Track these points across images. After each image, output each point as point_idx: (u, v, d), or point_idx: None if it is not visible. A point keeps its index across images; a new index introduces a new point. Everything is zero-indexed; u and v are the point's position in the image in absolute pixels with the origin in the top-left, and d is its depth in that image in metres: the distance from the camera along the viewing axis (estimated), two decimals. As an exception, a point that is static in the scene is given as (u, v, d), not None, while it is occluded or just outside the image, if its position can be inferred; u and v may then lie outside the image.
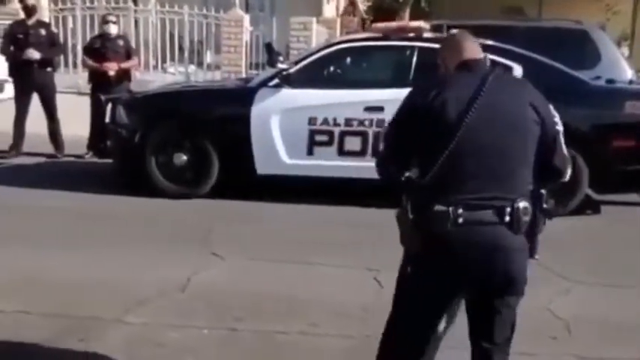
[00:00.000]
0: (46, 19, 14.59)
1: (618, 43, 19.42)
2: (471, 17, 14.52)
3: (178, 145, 7.94)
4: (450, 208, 2.87)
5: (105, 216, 7.32)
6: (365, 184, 6.14)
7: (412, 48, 7.67)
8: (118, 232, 6.79)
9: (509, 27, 10.61)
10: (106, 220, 7.17)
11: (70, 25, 16.17)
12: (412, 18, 19.04)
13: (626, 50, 21.12)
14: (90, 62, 10.07)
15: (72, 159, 10.07)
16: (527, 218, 2.96)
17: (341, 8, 26.51)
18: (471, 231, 2.89)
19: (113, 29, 10.16)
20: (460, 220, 2.87)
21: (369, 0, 24.96)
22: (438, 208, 2.88)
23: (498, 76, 3.05)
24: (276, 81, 7.79)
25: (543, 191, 3.04)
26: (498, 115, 2.96)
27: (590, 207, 7.86)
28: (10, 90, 10.81)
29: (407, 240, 3.05)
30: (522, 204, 2.93)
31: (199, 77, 15.29)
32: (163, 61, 16.33)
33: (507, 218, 2.91)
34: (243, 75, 13.62)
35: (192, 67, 16.25)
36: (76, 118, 10.15)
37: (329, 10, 24.63)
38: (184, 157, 7.92)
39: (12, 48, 9.90)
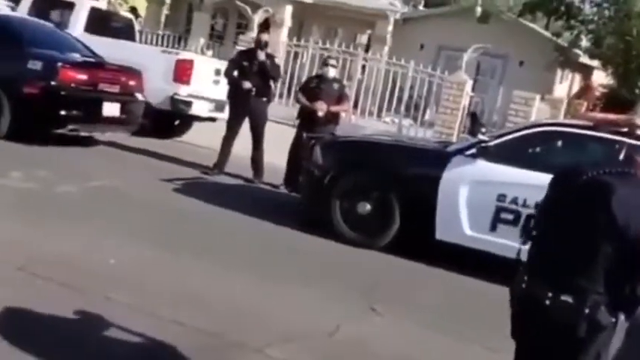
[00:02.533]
0: (281, 52, 15.41)
1: None
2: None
3: (365, 194, 8.02)
4: None
5: (280, 248, 7.52)
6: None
7: (621, 143, 7.28)
8: (289, 266, 6.96)
9: None
10: (280, 252, 7.37)
11: (301, 60, 16.88)
12: (645, 112, 18.20)
13: None
14: (302, 99, 10.43)
15: (268, 187, 10.46)
16: None
17: (574, 90, 25.86)
18: None
19: (331, 72, 10.48)
20: None
21: (605, 87, 24.16)
22: None
23: None
24: (473, 151, 7.69)
25: None
26: None
27: None
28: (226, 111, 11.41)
29: None
30: None
31: (412, 132, 15.40)
32: (381, 109, 16.64)
33: None
34: (454, 138, 13.57)
35: (407, 121, 16.42)
36: (282, 149, 10.54)
37: (560, 90, 24.10)
38: (368, 207, 7.98)
39: (235, 73, 10.46)
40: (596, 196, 3.03)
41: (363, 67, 17.03)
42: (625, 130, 7.43)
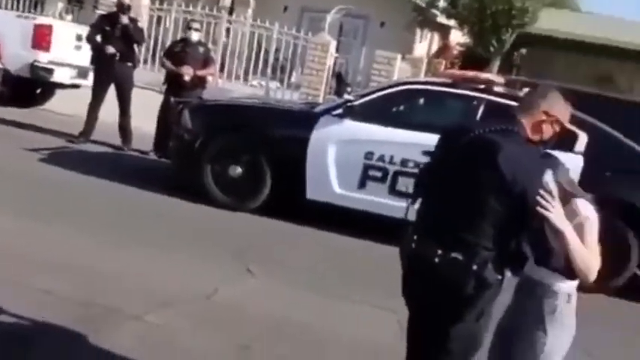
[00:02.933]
0: (144, 16, 15.09)
1: None
2: (553, 79, 14.43)
3: (235, 157, 8.07)
4: None
5: (152, 214, 7.50)
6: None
7: (480, 99, 7.61)
8: (161, 231, 6.95)
9: (590, 95, 10.43)
10: (152, 218, 7.36)
11: (164, 24, 16.60)
12: (501, 70, 18.97)
13: None
14: (168, 64, 10.31)
15: (136, 154, 10.34)
16: None
17: (433, 49, 26.55)
18: None
19: (195, 36, 10.39)
20: None
21: (462, 46, 24.93)
22: None
23: None
24: (339, 111, 7.85)
25: None
26: None
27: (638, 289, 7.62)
28: (92, 78, 11.14)
29: None
30: None
31: (279, 95, 15.48)
32: (247, 72, 16.62)
33: None
34: (321, 99, 13.74)
35: (274, 84, 16.47)
36: (150, 115, 10.40)
37: (420, 49, 24.68)
38: (239, 170, 8.04)
39: (98, 38, 10.22)
40: (481, 153, 3.07)
41: (228, 30, 16.90)
42: (483, 86, 7.79)
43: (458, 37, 25.48)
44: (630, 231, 7.21)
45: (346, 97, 7.95)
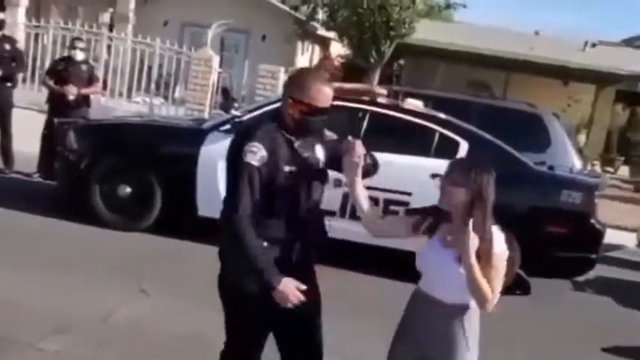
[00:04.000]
0: (21, 35, 14.72)
1: (577, 130, 19.96)
2: (433, 87, 14.96)
3: (124, 176, 7.99)
4: None
5: (39, 237, 7.32)
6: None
7: (364, 111, 7.81)
8: (50, 255, 6.81)
9: (467, 102, 10.88)
10: (39, 241, 7.18)
11: (43, 42, 16.24)
12: (381, 81, 19.39)
13: (583, 137, 21.67)
14: (50, 83, 10.07)
15: (20, 176, 10.06)
16: None
17: (315, 61, 26.87)
18: None
19: (79, 55, 10.17)
20: None
21: (342, 57, 25.32)
22: None
23: None
24: (227, 127, 7.85)
25: None
26: None
27: (520, 287, 7.98)
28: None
29: None
30: None
31: (164, 111, 15.38)
32: (131, 89, 16.43)
33: None
34: (206, 115, 13.73)
35: (158, 100, 16.35)
36: (31, 136, 10.15)
37: (302, 62, 24.97)
38: (128, 190, 7.97)
39: (-27, 60, 9.93)
40: None
41: (109, 46, 16.69)
42: (365, 97, 8.00)
43: (338, 49, 25.89)
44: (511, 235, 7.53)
45: (233, 112, 7.99)
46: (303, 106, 3.41)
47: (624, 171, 23.16)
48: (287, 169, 3.38)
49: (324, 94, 3.44)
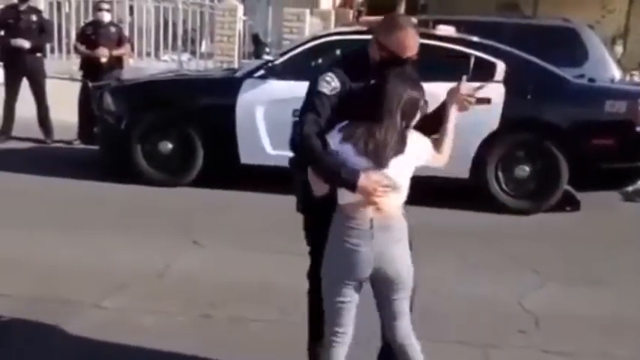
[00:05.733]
0: (42, 5, 14.70)
1: (613, 41, 19.52)
2: (461, 13, 14.69)
3: (164, 133, 8.04)
4: None
5: (89, 201, 7.42)
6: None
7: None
8: (101, 218, 6.89)
9: (499, 23, 10.65)
10: (89, 205, 7.28)
11: (65, 10, 16.22)
12: (407, 12, 19.11)
13: (620, 48, 21.20)
14: (82, 49, 10.12)
15: (61, 145, 10.17)
16: None
17: (338, 0, 26.55)
18: None
19: (106, 17, 10.21)
20: None
21: (365, -8, 24.97)
22: None
23: None
24: (261, 72, 7.86)
25: None
26: None
27: (570, 203, 7.94)
28: (1, 75, 10.86)
29: None
30: None
31: (193, 66, 15.34)
32: (157, 48, 16.40)
33: None
34: (236, 64, 13.67)
35: (186, 56, 16.31)
36: (67, 104, 10.25)
37: (325, 2, 24.65)
38: (170, 146, 8.03)
39: (2, 33, 9.96)
40: None
41: (131, 8, 16.62)
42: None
43: (360, -15, 25.50)
44: (558, 150, 7.46)
45: (266, 57, 7.95)
46: (385, 51, 3.32)
47: (664, 78, 22.68)
48: None
49: (406, 45, 3.31)
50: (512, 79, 7.52)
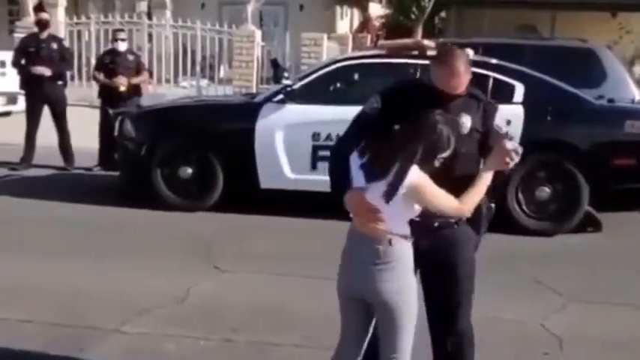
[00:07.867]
0: (62, 33, 14.88)
1: (632, 62, 19.45)
2: (480, 35, 14.68)
3: (184, 158, 8.09)
4: None
5: (109, 227, 7.45)
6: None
7: (415, 66, 7.71)
8: (122, 243, 6.91)
9: (517, 45, 10.65)
10: (110, 232, 7.30)
11: (85, 38, 16.41)
12: (424, 35, 19.17)
13: (639, 69, 21.11)
14: (100, 77, 10.26)
15: (81, 171, 10.23)
16: None
17: (355, 25, 26.70)
18: None
19: (122, 46, 10.36)
20: None
21: (382, 17, 25.11)
22: None
23: None
24: (280, 97, 7.90)
25: None
26: None
27: (591, 224, 7.89)
28: (22, 103, 10.97)
29: None
30: None
31: (211, 91, 15.44)
32: (176, 75, 16.54)
33: None
34: (254, 90, 13.76)
35: (204, 82, 16.43)
36: (87, 131, 10.34)
37: (342, 27, 24.83)
38: (189, 171, 8.06)
39: (23, 61, 10.08)
40: None
41: (150, 35, 16.79)
42: (415, 52, 7.89)
43: (377, 10, 25.66)
44: (578, 171, 7.43)
45: (285, 82, 7.99)
46: (433, 88, 3.26)
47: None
48: None
49: (447, 83, 3.23)
50: (531, 101, 7.52)
